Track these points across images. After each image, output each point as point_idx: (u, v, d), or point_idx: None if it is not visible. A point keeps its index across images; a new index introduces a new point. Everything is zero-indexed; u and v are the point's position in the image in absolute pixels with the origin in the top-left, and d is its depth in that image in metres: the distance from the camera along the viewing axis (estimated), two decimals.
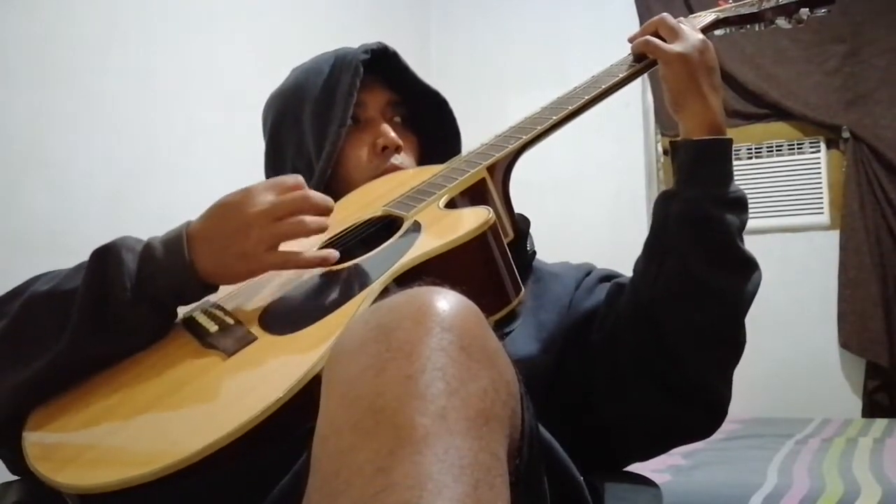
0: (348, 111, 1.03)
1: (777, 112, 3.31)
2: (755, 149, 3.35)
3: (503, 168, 0.97)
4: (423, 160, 1.10)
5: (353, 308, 0.75)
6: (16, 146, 1.86)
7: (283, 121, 1.10)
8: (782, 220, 3.30)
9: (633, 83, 1.06)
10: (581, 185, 3.46)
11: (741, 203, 0.94)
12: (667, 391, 0.92)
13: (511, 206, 0.98)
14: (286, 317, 0.81)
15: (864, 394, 3.10)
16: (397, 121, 1.10)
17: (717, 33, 1.12)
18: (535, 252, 1.06)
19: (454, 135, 1.15)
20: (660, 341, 0.92)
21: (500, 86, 3.54)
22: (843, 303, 3.14)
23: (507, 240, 0.87)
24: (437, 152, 1.11)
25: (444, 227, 0.85)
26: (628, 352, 0.93)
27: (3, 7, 1.85)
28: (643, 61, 1.02)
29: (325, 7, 3.08)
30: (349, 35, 1.28)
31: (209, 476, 0.64)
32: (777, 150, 3.34)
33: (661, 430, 0.96)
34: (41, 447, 0.75)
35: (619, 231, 3.13)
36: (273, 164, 1.12)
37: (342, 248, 0.91)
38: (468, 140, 1.10)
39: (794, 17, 1.08)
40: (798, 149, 3.32)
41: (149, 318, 0.82)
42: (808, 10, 1.07)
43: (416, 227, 0.87)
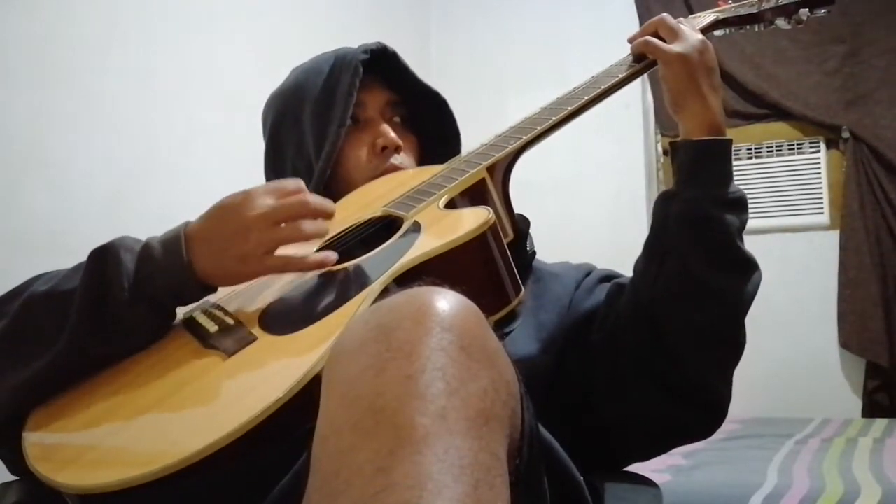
0: (348, 111, 1.03)
1: (777, 112, 3.31)
2: (755, 149, 3.35)
3: (503, 168, 0.97)
4: (423, 160, 1.10)
5: (353, 308, 0.75)
6: (16, 146, 1.86)
7: (283, 121, 1.10)
8: (782, 220, 3.29)
9: (633, 83, 1.06)
10: (581, 185, 3.46)
11: (741, 203, 0.94)
12: (667, 391, 0.93)
13: (511, 206, 0.98)
14: (286, 317, 0.81)
15: (864, 394, 3.10)
16: (397, 121, 1.10)
17: (717, 34, 1.12)
18: (535, 252, 1.06)
19: (454, 135, 1.15)
20: (660, 341, 0.92)
21: (500, 86, 3.54)
22: (843, 303, 3.14)
23: (507, 240, 0.87)
24: (437, 152, 1.11)
25: (443, 228, 0.85)
26: (628, 352, 0.93)
27: (3, 7, 1.85)
28: (643, 62, 1.02)
29: (325, 7, 3.08)
30: (349, 35, 1.28)
31: (209, 476, 0.64)
32: (777, 150, 3.34)
33: (661, 430, 0.96)
34: (41, 447, 0.75)
35: (619, 231, 3.13)
36: (273, 165, 1.12)
37: (342, 248, 0.91)
38: (468, 140, 1.10)
39: (794, 18, 1.08)
40: (798, 149, 3.32)
41: (147, 318, 0.82)
42: (807, 10, 1.07)
43: (416, 228, 0.87)
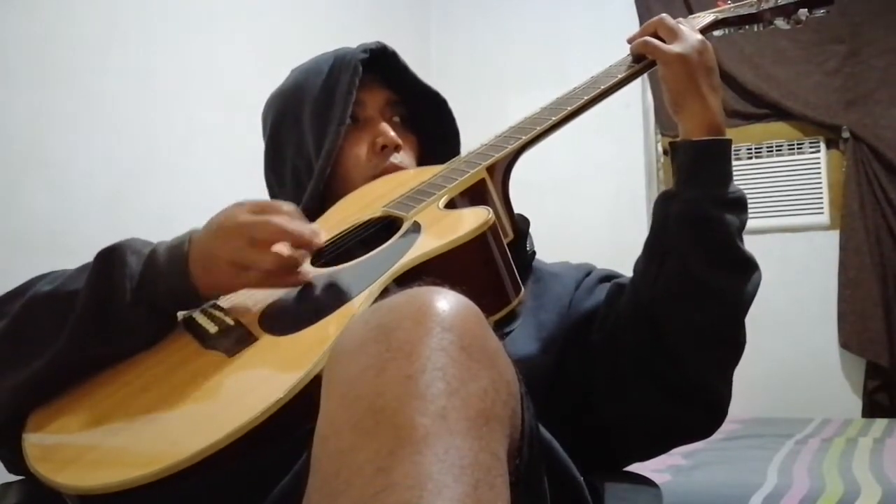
0: (347, 110, 1.03)
1: (777, 112, 3.31)
2: (755, 149, 3.35)
3: (503, 168, 0.97)
4: (423, 160, 1.10)
5: (354, 308, 0.75)
6: (16, 146, 1.86)
7: (283, 121, 1.10)
8: (782, 220, 3.29)
9: (633, 83, 1.06)
10: (581, 186, 3.46)
11: (741, 203, 0.94)
12: (667, 391, 0.93)
13: (511, 206, 0.98)
14: (286, 317, 0.80)
15: (864, 394, 3.10)
16: (396, 120, 1.10)
17: (716, 34, 1.12)
18: (534, 252, 1.06)
19: (453, 134, 1.15)
20: (660, 341, 0.92)
21: (500, 86, 3.54)
22: (843, 303, 3.14)
23: (506, 240, 0.87)
24: (437, 152, 1.11)
25: (443, 228, 0.85)
26: (628, 352, 0.93)
27: (3, 7, 1.85)
28: (642, 62, 1.02)
29: (325, 7, 3.08)
30: (349, 35, 1.28)
31: (209, 476, 0.64)
32: (777, 150, 3.34)
33: (661, 430, 0.96)
34: (41, 448, 0.75)
35: (619, 231, 3.13)
36: (273, 165, 1.12)
37: (342, 248, 0.91)
38: (468, 140, 1.10)
39: (793, 18, 1.08)
40: (798, 149, 3.32)
41: (148, 319, 0.82)
42: (806, 10, 1.07)
43: (416, 228, 0.87)
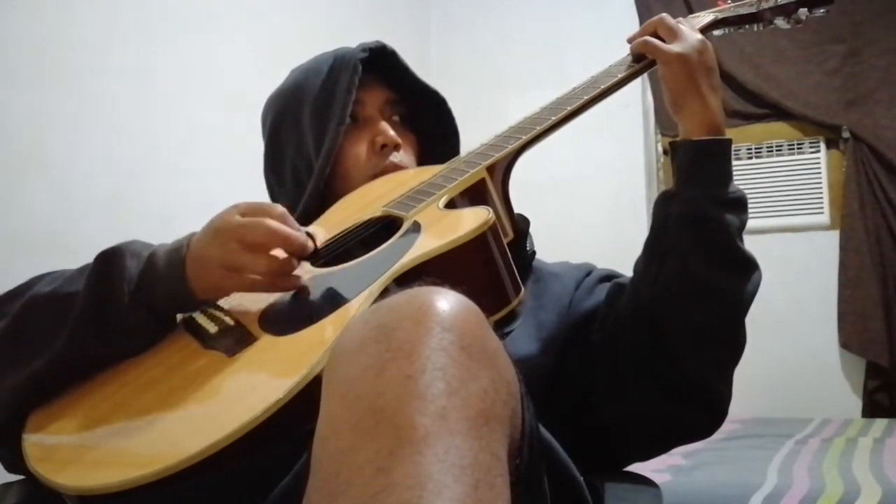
0: (347, 109, 1.03)
1: (777, 112, 3.31)
2: (755, 149, 3.35)
3: (503, 168, 0.97)
4: (422, 159, 1.10)
5: (354, 308, 0.75)
6: (16, 146, 1.86)
7: (283, 121, 1.10)
8: (782, 220, 3.29)
9: (633, 83, 1.06)
10: (581, 186, 3.46)
11: (741, 203, 0.94)
12: (667, 391, 0.92)
13: (511, 206, 0.98)
14: (286, 317, 0.80)
15: (864, 394, 3.10)
16: (396, 119, 1.10)
17: (716, 33, 1.12)
18: (534, 252, 1.06)
19: (453, 134, 1.15)
20: (660, 341, 0.92)
21: (500, 86, 3.54)
22: (843, 303, 3.14)
23: (506, 240, 0.87)
24: (436, 151, 1.11)
25: (443, 228, 0.85)
26: (628, 352, 0.93)
27: (3, 7, 1.85)
28: (642, 62, 1.02)
29: (325, 7, 3.08)
30: (349, 35, 1.27)
31: (209, 477, 0.64)
32: (777, 150, 3.34)
33: (661, 430, 0.96)
34: (41, 448, 0.75)
35: (619, 231, 3.13)
36: (272, 164, 1.12)
37: (342, 248, 0.91)
38: (468, 140, 1.10)
39: (793, 18, 1.08)
40: (798, 149, 3.32)
41: (147, 321, 0.82)
42: (806, 10, 1.07)
43: (416, 228, 0.87)
